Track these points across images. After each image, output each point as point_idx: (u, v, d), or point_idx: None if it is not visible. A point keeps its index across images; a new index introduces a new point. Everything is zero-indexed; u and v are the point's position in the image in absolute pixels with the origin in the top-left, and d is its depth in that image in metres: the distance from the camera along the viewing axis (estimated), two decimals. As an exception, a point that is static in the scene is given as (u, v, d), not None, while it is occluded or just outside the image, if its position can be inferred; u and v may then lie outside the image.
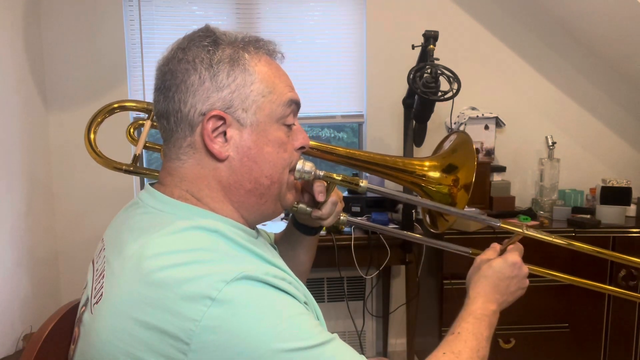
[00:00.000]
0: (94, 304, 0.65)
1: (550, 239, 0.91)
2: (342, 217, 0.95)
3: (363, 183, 0.88)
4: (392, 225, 2.05)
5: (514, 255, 0.86)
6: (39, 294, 2.24)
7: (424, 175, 1.01)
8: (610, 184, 2.25)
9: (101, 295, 0.64)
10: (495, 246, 0.90)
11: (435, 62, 1.78)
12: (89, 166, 2.40)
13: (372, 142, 2.54)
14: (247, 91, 0.69)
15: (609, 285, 2.09)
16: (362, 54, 2.51)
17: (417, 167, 1.01)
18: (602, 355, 2.14)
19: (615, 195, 2.22)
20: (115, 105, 0.98)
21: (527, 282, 0.87)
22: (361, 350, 2.46)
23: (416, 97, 1.87)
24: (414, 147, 2.06)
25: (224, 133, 0.69)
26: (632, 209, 2.26)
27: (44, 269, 2.32)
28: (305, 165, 0.79)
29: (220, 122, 0.68)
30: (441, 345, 0.74)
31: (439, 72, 1.74)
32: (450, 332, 0.77)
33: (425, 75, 1.76)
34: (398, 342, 2.60)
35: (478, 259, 0.89)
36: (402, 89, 2.04)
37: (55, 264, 2.43)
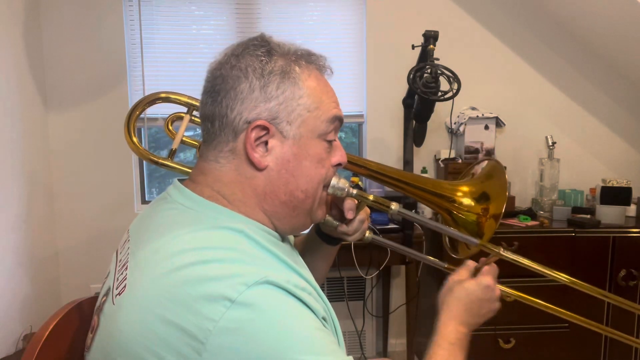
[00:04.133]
0: (116, 295, 0.65)
1: (528, 263, 0.89)
2: (367, 235, 0.94)
3: (394, 206, 0.86)
4: (391, 226, 2.05)
5: (488, 277, 0.85)
6: (39, 294, 2.24)
7: (455, 201, 0.99)
8: (610, 184, 2.25)
9: (124, 287, 0.64)
10: (469, 265, 0.89)
11: (435, 62, 1.78)
12: (89, 166, 2.40)
13: (372, 142, 2.54)
14: (294, 104, 0.70)
15: (609, 284, 2.09)
16: (362, 54, 2.51)
17: (447, 191, 0.99)
18: (602, 355, 2.14)
19: (615, 195, 2.22)
20: (163, 95, 0.98)
21: (498, 304, 0.86)
22: (361, 350, 2.46)
23: (416, 97, 1.87)
24: (414, 147, 2.06)
25: (266, 143, 0.69)
26: (632, 209, 2.27)
27: (44, 269, 2.32)
28: (339, 182, 0.79)
29: (264, 132, 0.69)
30: None
31: (439, 72, 1.74)
32: (427, 358, 0.76)
33: (425, 75, 1.76)
34: (398, 342, 2.60)
35: (451, 279, 0.87)
36: (402, 89, 2.04)
37: (55, 264, 2.43)
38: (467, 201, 0.98)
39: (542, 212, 2.37)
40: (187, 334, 0.56)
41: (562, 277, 0.93)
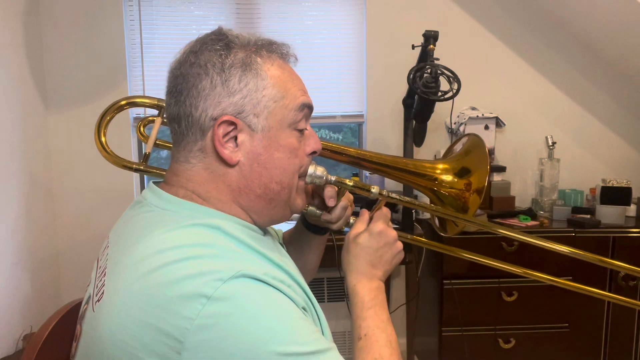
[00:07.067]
0: (96, 302, 0.65)
1: (413, 203, 0.90)
2: (351, 221, 0.94)
3: (374, 189, 0.86)
4: (391, 226, 2.04)
5: (378, 224, 0.83)
6: (39, 294, 2.24)
7: (436, 179, 0.99)
8: (610, 184, 2.25)
9: (103, 293, 0.63)
10: (364, 216, 0.86)
11: (435, 62, 1.78)
12: (89, 166, 2.40)
13: (372, 143, 2.54)
14: (259, 96, 0.68)
15: (609, 285, 2.09)
16: (362, 54, 2.51)
17: (429, 170, 1.00)
18: (602, 355, 2.14)
19: (615, 195, 2.22)
20: (124, 102, 0.96)
21: (399, 245, 0.84)
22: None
23: (416, 97, 1.87)
24: (414, 147, 2.06)
25: (235, 138, 0.68)
26: (632, 209, 2.27)
27: (44, 269, 2.32)
28: (317, 170, 0.79)
29: (231, 127, 0.68)
30: (358, 356, 0.73)
31: (439, 72, 1.75)
32: (357, 337, 0.75)
33: (425, 75, 1.76)
34: (398, 342, 2.60)
35: (347, 237, 0.84)
36: (402, 89, 2.05)
37: (56, 264, 2.43)
38: (449, 178, 0.99)
39: (542, 212, 2.37)
40: (166, 334, 0.55)
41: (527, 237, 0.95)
